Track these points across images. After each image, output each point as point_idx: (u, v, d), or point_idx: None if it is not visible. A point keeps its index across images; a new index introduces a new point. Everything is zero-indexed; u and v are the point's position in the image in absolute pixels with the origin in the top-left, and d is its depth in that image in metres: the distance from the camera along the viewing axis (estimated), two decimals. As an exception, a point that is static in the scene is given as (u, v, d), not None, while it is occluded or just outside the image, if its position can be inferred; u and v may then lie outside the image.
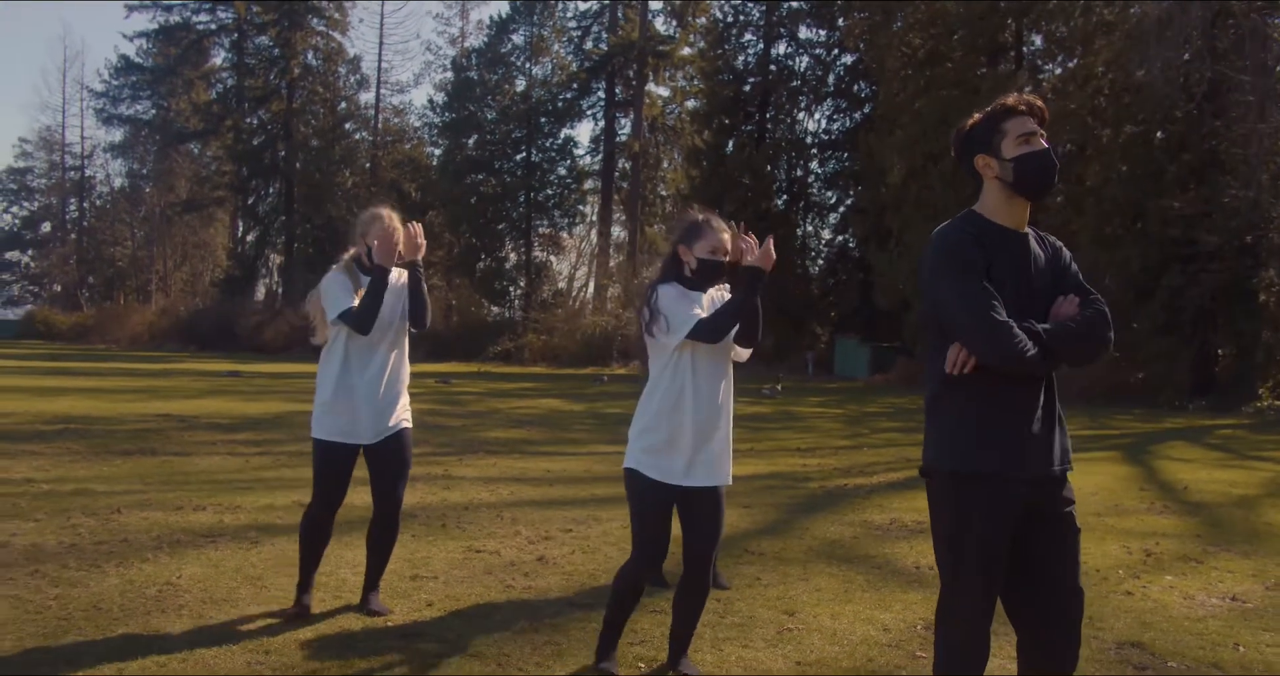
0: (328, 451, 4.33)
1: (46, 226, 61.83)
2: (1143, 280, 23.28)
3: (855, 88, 36.49)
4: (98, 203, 59.94)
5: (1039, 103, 2.73)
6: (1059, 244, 2.85)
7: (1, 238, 61.18)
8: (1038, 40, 29.40)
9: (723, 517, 3.71)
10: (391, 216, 4.39)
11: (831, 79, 37.19)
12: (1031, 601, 2.76)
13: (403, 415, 4.47)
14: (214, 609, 4.46)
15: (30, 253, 62.33)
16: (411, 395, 4.63)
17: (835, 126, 37.63)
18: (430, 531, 6.21)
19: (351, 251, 4.49)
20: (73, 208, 60.26)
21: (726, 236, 3.71)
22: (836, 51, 36.61)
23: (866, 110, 35.59)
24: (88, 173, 59.28)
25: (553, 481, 8.55)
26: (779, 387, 22.33)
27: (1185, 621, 4.59)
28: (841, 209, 37.32)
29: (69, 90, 59.14)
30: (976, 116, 2.78)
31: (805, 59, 37.44)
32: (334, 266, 4.47)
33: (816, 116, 38.08)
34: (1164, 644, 4.24)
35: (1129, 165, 24.30)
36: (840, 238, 37.44)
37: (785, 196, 36.56)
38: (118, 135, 56.71)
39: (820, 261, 37.62)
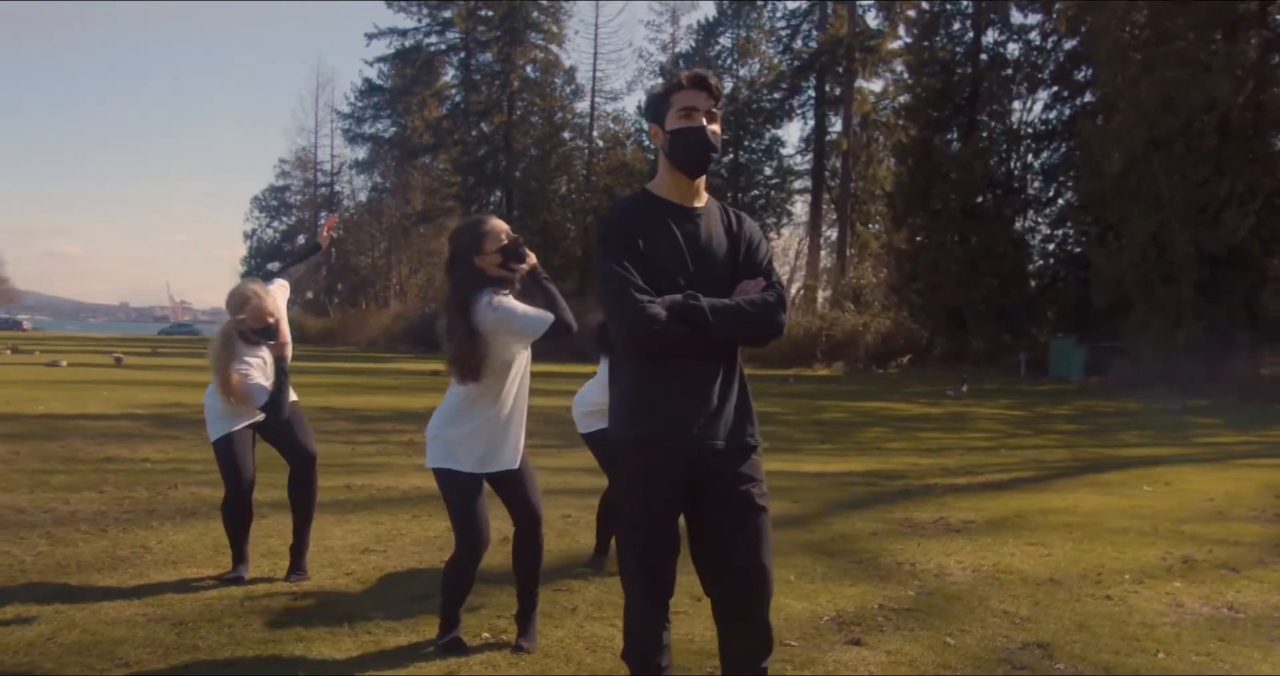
0: (226, 444, 4.56)
1: (301, 239, 67.37)
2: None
3: (1075, 73, 34.12)
4: (345, 215, 64.80)
5: (712, 79, 2.63)
6: (748, 223, 2.74)
7: (265, 250, 67.17)
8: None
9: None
10: (258, 294, 4.50)
11: (1048, 65, 34.95)
12: (714, 579, 2.67)
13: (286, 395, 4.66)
14: (159, 570, 4.73)
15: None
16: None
17: (1053, 115, 35.35)
18: (432, 513, 6.29)
19: (229, 321, 4.56)
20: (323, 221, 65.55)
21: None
22: (1053, 36, 34.41)
23: (1088, 97, 33.33)
24: (336, 188, 64.39)
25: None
26: (964, 388, 21.25)
27: (1134, 627, 4.03)
28: (1060, 202, 35.09)
29: (321, 113, 64.36)
30: (660, 87, 2.71)
31: (1018, 46, 35.40)
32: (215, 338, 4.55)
33: (1031, 106, 36.01)
34: (1077, 647, 3.76)
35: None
36: (1059, 232, 35.16)
37: (998, 191, 34.66)
38: (362, 152, 61.12)
39: (1037, 258, 35.43)
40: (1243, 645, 3.80)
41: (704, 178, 2.67)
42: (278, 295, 4.73)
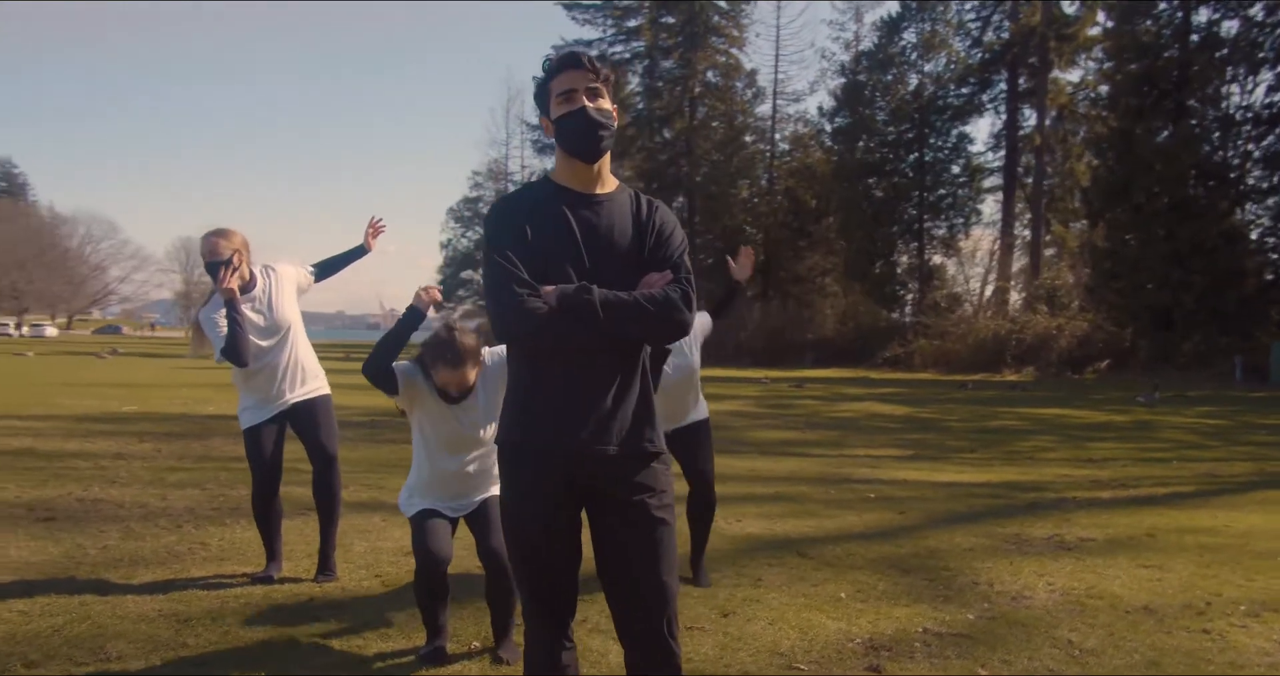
0: (252, 435, 4.60)
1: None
2: None
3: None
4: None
5: (587, 55, 2.38)
6: (662, 212, 2.44)
7: (460, 259, 69.71)
8: None
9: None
10: (211, 233, 4.49)
11: (1270, 43, 31.95)
12: (611, 594, 2.40)
13: (315, 385, 4.72)
14: (201, 566, 4.80)
15: (481, 271, 70.56)
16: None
17: (1277, 98, 32.27)
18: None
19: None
20: (514, 230, 67.46)
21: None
22: (1278, 11, 31.42)
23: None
24: (527, 198, 66.23)
25: (729, 478, 8.14)
26: (1156, 394, 19.62)
27: (1217, 666, 3.48)
28: (1285, 192, 32.07)
29: (511, 126, 66.35)
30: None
31: (1235, 23, 32.55)
32: (203, 306, 4.57)
33: (1252, 89, 32.95)
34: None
35: None
36: (1285, 225, 32.14)
37: (1210, 182, 31.98)
38: (550, 163, 62.60)
39: (1257, 254, 32.44)
40: (1345, 698, 3.17)
41: (606, 161, 2.39)
42: (287, 272, 4.71)
